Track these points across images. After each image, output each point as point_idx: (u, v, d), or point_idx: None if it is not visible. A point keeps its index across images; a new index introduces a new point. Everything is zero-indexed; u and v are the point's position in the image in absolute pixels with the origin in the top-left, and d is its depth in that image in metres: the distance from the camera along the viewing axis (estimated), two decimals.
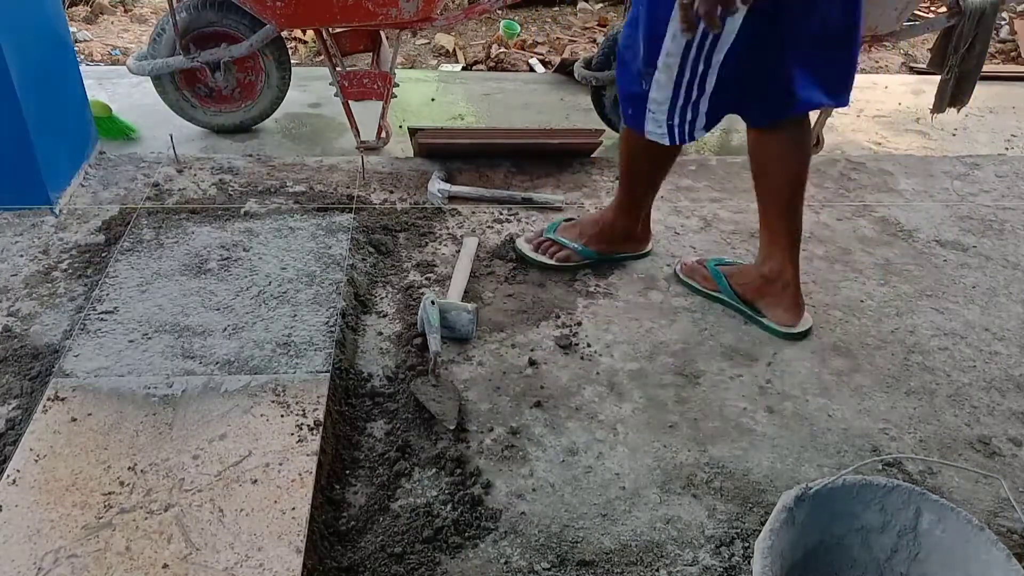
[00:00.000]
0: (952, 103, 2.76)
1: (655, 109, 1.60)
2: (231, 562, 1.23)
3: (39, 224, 2.09)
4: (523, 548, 1.35)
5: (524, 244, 2.04)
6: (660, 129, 1.63)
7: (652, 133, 1.65)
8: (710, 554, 1.36)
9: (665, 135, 1.63)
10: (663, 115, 1.60)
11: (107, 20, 4.33)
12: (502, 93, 3.37)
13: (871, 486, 1.22)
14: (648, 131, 1.65)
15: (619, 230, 2.02)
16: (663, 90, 1.56)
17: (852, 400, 1.69)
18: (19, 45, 1.95)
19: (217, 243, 1.98)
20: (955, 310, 1.97)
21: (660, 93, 1.56)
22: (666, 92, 1.56)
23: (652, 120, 1.62)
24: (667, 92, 1.56)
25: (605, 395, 1.67)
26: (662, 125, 1.62)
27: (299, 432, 1.45)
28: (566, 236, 2.02)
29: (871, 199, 2.43)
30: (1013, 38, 4.35)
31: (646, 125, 1.64)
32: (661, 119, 1.60)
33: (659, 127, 1.62)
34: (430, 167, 2.45)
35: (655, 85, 1.56)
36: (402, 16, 2.47)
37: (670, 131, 1.62)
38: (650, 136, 1.66)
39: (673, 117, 1.60)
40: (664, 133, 1.63)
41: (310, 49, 4.01)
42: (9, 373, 1.62)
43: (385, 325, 1.83)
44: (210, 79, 2.64)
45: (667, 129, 1.62)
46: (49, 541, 1.25)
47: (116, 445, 1.41)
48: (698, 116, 1.59)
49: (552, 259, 2.01)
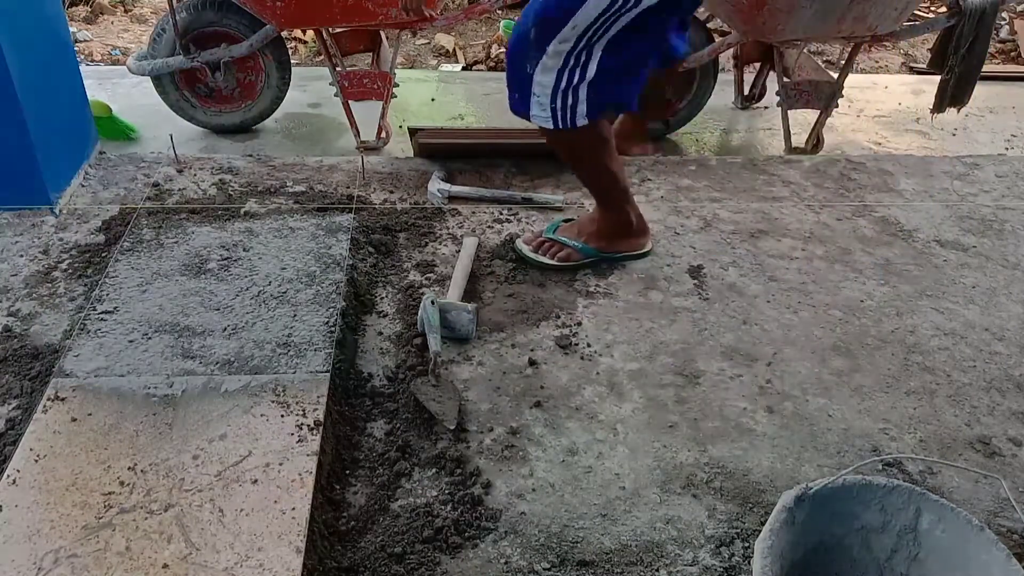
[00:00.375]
0: (952, 103, 2.76)
1: (539, 92, 1.71)
2: (231, 562, 1.23)
3: (39, 224, 2.09)
4: (523, 548, 1.35)
5: (524, 245, 2.04)
6: (544, 113, 1.73)
7: (537, 117, 1.75)
8: (710, 554, 1.36)
9: (549, 119, 1.73)
10: (547, 98, 1.70)
11: (107, 20, 4.33)
12: (502, 93, 3.36)
13: (871, 486, 1.22)
14: (533, 115, 1.75)
15: (616, 225, 2.02)
16: (548, 74, 1.67)
17: (852, 400, 1.69)
18: (19, 45, 1.95)
19: (217, 243, 1.98)
20: (955, 310, 1.97)
21: (545, 77, 1.67)
22: (550, 76, 1.67)
23: (537, 103, 1.73)
24: (551, 76, 1.67)
25: (605, 395, 1.67)
26: (546, 108, 1.72)
27: (299, 432, 1.45)
28: (566, 235, 2.02)
29: (871, 199, 2.43)
30: (1013, 38, 4.35)
31: (531, 109, 1.74)
32: (545, 102, 1.71)
33: (543, 110, 1.73)
34: (430, 167, 2.45)
35: (540, 68, 1.67)
36: (402, 16, 2.47)
37: (553, 114, 1.72)
38: (535, 120, 1.76)
39: (556, 100, 1.70)
40: (548, 117, 1.73)
41: (310, 49, 4.01)
42: (9, 373, 1.62)
43: (385, 325, 1.83)
44: (210, 79, 2.64)
45: (551, 112, 1.72)
46: (49, 541, 1.25)
47: (116, 445, 1.41)
48: (579, 102, 1.70)
49: (553, 259, 2.01)
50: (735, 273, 2.05)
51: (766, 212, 2.32)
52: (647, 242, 2.10)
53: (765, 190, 2.44)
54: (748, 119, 3.22)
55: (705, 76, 2.78)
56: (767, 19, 2.46)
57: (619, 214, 2.01)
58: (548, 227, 2.08)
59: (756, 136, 3.10)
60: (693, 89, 2.81)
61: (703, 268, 2.07)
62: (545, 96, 1.70)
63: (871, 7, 2.45)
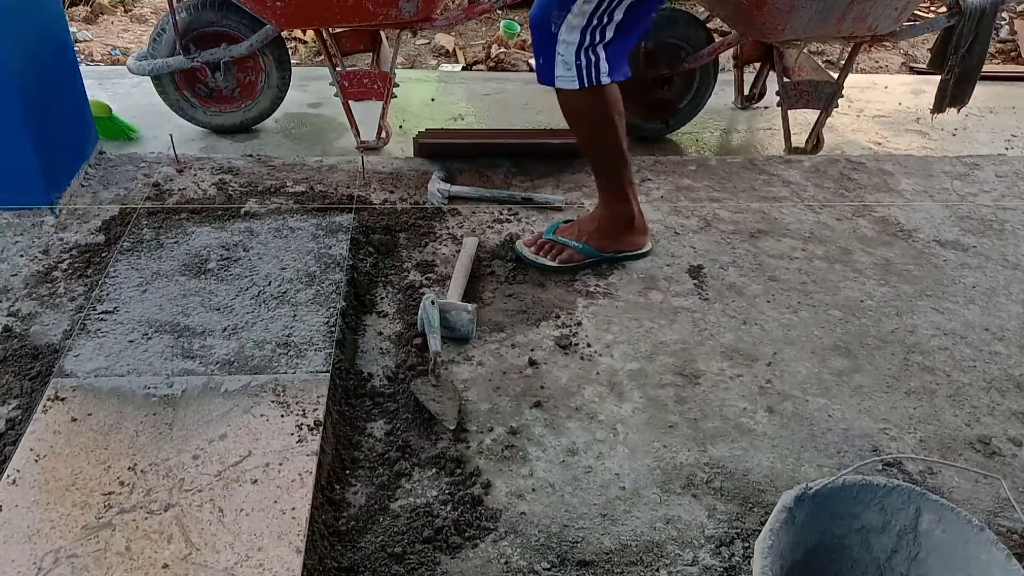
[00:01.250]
0: (952, 103, 2.76)
1: (564, 51, 1.77)
2: (231, 562, 1.23)
3: (39, 224, 2.09)
4: (523, 548, 1.35)
5: (524, 247, 2.04)
6: (570, 72, 1.78)
7: (562, 78, 1.80)
8: (710, 554, 1.36)
9: (574, 78, 1.79)
10: (571, 56, 1.76)
11: (107, 20, 4.33)
12: (502, 93, 3.37)
13: (871, 486, 1.22)
14: (558, 76, 1.80)
15: (618, 220, 2.02)
16: (573, 32, 1.74)
17: (852, 400, 1.69)
18: (19, 45, 1.95)
19: (217, 243, 1.98)
20: (955, 310, 1.97)
21: (570, 35, 1.74)
22: (575, 34, 1.74)
23: (562, 63, 1.78)
24: (576, 34, 1.74)
25: (605, 395, 1.67)
26: (571, 67, 1.78)
27: (299, 432, 1.45)
28: (566, 236, 2.02)
29: (871, 199, 2.43)
30: (1013, 38, 4.35)
31: (556, 70, 1.79)
32: (570, 61, 1.77)
33: (568, 70, 1.78)
34: (430, 167, 2.45)
35: (565, 27, 1.74)
36: (402, 16, 2.47)
37: (578, 72, 1.78)
38: (560, 82, 1.81)
39: (580, 58, 1.76)
40: (573, 76, 1.79)
41: (310, 49, 4.01)
42: (9, 373, 1.62)
43: (385, 325, 1.83)
44: (210, 79, 2.64)
45: (575, 71, 1.78)
46: (49, 541, 1.25)
47: (116, 445, 1.41)
48: (600, 60, 1.78)
49: (554, 261, 2.01)
50: (735, 273, 2.05)
51: (766, 212, 2.32)
52: (647, 241, 2.10)
53: (765, 190, 2.44)
54: (748, 119, 3.22)
55: (705, 76, 2.78)
56: (767, 19, 2.46)
57: (623, 204, 2.01)
58: (547, 228, 2.07)
59: (756, 136, 3.10)
60: (693, 89, 2.81)
61: (703, 268, 2.07)
62: (570, 55, 1.76)
63: (871, 7, 2.45)
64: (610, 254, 2.05)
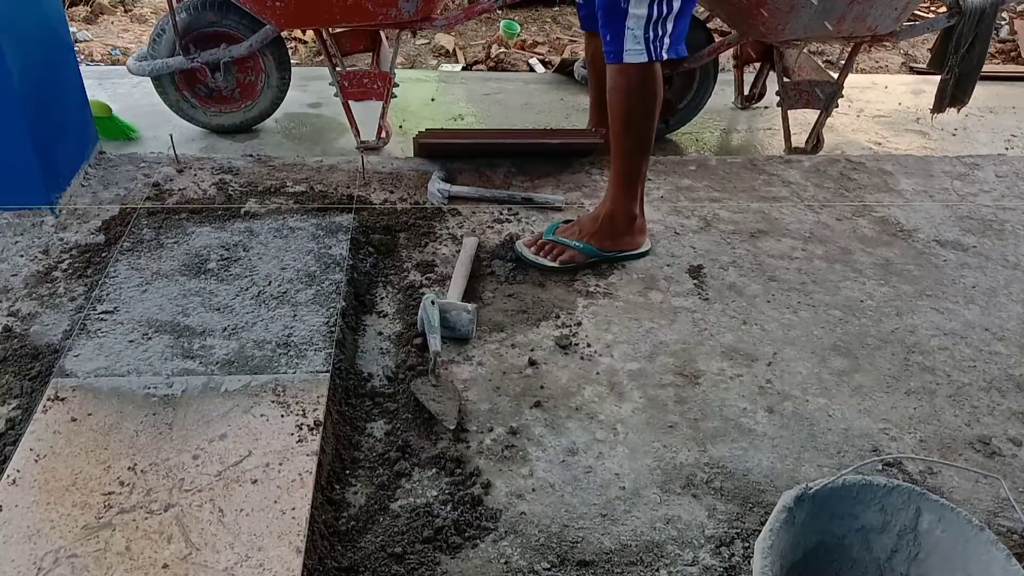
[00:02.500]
0: (952, 103, 2.76)
1: (634, 25, 1.80)
2: (231, 562, 1.23)
3: (39, 224, 2.09)
4: (523, 548, 1.35)
5: (524, 248, 2.04)
6: (639, 46, 1.82)
7: (631, 52, 1.84)
8: (710, 554, 1.36)
9: (643, 51, 1.83)
10: (640, 30, 1.80)
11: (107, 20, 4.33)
12: (502, 93, 3.37)
13: (871, 486, 1.22)
14: (627, 51, 1.84)
15: (620, 218, 2.02)
16: (642, 5, 1.78)
17: (852, 400, 1.69)
18: (19, 45, 1.95)
19: (217, 243, 1.98)
20: (955, 310, 1.97)
21: (640, 8, 1.79)
22: (644, 7, 1.79)
23: (631, 36, 1.82)
24: (644, 7, 1.79)
25: (605, 395, 1.67)
26: (640, 41, 1.82)
27: (299, 432, 1.45)
28: (566, 236, 2.02)
29: (871, 199, 2.43)
30: (1013, 38, 4.35)
31: (625, 44, 1.83)
32: (639, 34, 1.81)
33: (637, 43, 1.82)
34: (430, 167, 2.45)
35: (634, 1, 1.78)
36: (402, 16, 2.47)
37: (647, 45, 1.82)
38: (628, 56, 1.84)
39: (648, 31, 1.81)
40: (642, 49, 1.83)
41: (310, 49, 4.01)
42: (9, 373, 1.62)
43: (385, 325, 1.83)
44: (210, 79, 2.64)
45: (644, 44, 1.82)
46: (49, 541, 1.25)
47: (116, 445, 1.41)
48: (666, 34, 1.83)
49: (555, 261, 2.01)
50: (735, 273, 2.05)
51: (766, 212, 2.32)
52: (647, 240, 2.10)
53: (765, 190, 2.44)
54: (748, 119, 3.22)
55: (705, 76, 2.78)
56: (767, 19, 2.46)
57: (631, 201, 2.02)
58: (547, 228, 2.07)
59: (756, 136, 3.10)
60: (693, 89, 2.81)
61: (703, 268, 2.07)
62: (639, 28, 1.80)
63: (871, 7, 2.45)
64: (611, 254, 2.04)
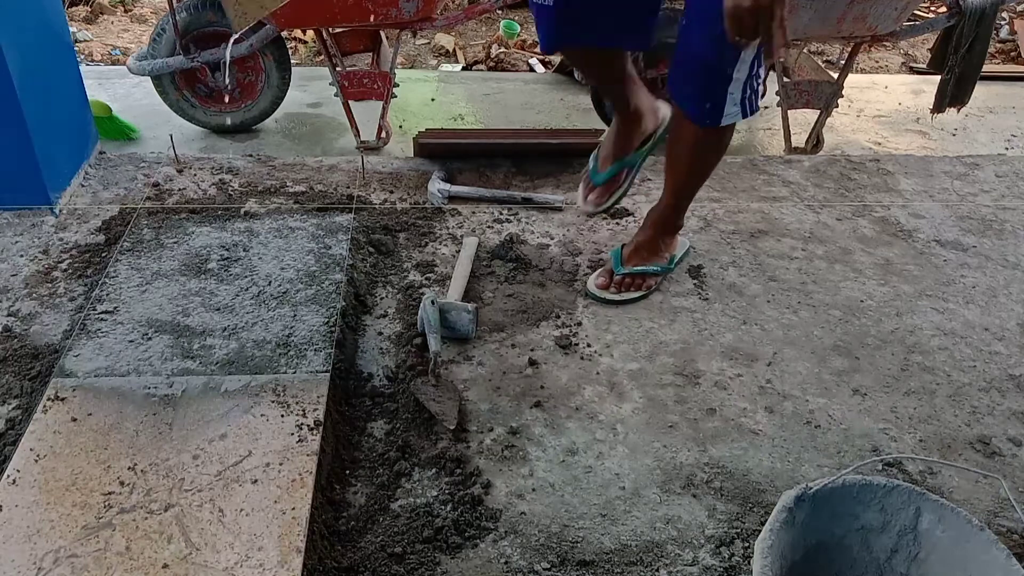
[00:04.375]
0: (952, 103, 2.76)
1: (734, 89, 1.71)
2: (231, 562, 1.23)
3: (39, 224, 2.09)
4: (523, 548, 1.35)
5: (602, 291, 1.94)
6: (735, 108, 1.73)
7: (729, 115, 1.74)
8: (710, 554, 1.36)
9: (738, 112, 1.74)
10: (739, 93, 1.71)
11: (107, 20, 4.33)
12: (502, 93, 3.37)
13: (871, 486, 1.22)
14: (727, 115, 1.74)
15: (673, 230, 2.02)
16: (744, 67, 1.67)
17: (852, 400, 1.69)
18: (19, 45, 1.95)
19: (217, 243, 1.98)
20: (955, 310, 1.97)
21: (741, 72, 1.68)
22: (745, 69, 1.68)
23: (731, 102, 1.72)
24: (746, 69, 1.68)
25: (605, 395, 1.67)
26: (737, 103, 1.73)
27: (299, 432, 1.45)
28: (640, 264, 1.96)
29: (871, 199, 2.43)
30: (1013, 38, 4.35)
31: (725, 109, 1.73)
32: (738, 96, 1.72)
33: (735, 105, 1.73)
34: (430, 167, 2.45)
35: (739, 64, 1.66)
36: (402, 16, 2.47)
37: (742, 105, 1.73)
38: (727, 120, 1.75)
39: (746, 90, 1.72)
40: (738, 111, 1.74)
41: (310, 49, 4.01)
42: (9, 373, 1.62)
43: (385, 325, 1.83)
44: (210, 79, 2.64)
45: (740, 105, 1.73)
46: (49, 541, 1.25)
47: (116, 445, 1.41)
48: (760, 85, 1.74)
49: (641, 290, 1.96)
50: (735, 273, 2.05)
51: (766, 212, 2.32)
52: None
53: (765, 190, 2.44)
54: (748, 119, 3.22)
55: None
56: None
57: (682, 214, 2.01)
58: (613, 261, 1.97)
59: (756, 136, 3.10)
60: None
61: (703, 268, 2.07)
62: (738, 91, 1.71)
63: (871, 7, 2.45)
64: (673, 264, 2.03)
